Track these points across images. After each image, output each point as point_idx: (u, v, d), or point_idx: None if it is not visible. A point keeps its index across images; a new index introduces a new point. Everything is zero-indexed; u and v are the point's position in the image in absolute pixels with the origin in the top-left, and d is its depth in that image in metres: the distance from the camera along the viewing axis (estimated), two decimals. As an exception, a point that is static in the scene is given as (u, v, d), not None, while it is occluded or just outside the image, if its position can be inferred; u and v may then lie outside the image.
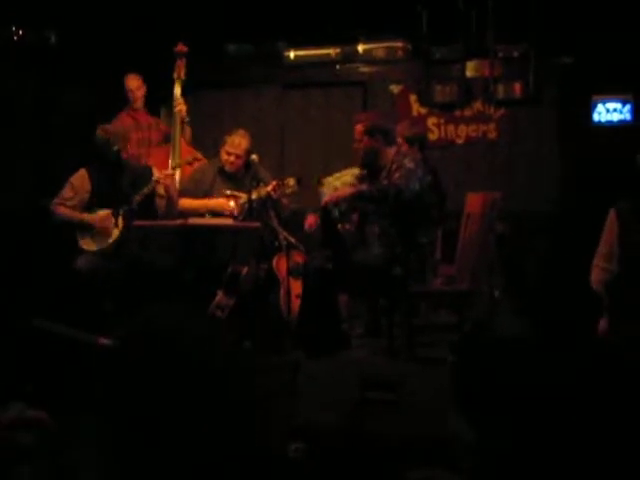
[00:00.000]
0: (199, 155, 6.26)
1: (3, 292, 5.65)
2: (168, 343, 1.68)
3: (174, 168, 6.07)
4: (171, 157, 6.33)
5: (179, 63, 6.34)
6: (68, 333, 3.15)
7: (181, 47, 6.36)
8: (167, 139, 6.58)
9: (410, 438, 3.15)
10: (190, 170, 6.19)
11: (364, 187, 5.50)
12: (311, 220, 5.82)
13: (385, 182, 5.38)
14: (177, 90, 6.36)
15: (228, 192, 5.96)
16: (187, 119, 6.43)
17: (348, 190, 5.57)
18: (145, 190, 5.71)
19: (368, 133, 5.53)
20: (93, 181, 5.81)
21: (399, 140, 5.98)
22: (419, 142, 6.34)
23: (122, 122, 6.60)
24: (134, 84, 6.72)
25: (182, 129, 6.39)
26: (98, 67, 7.13)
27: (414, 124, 6.96)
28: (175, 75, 6.34)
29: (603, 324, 4.40)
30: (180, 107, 6.35)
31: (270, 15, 7.24)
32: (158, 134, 6.78)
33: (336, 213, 5.61)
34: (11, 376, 3.24)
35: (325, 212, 5.61)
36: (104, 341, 3.08)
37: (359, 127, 5.58)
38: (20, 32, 6.94)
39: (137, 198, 5.68)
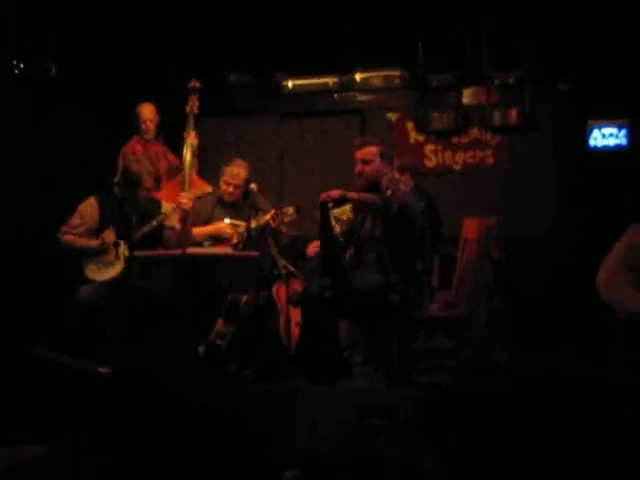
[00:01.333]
0: (209, 187, 6.29)
1: (5, 318, 5.69)
2: (158, 378, 1.73)
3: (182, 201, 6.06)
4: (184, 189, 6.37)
5: (192, 98, 6.41)
6: (68, 361, 3.18)
7: (195, 83, 6.43)
8: (174, 170, 6.63)
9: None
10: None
11: (369, 195, 5.50)
12: (313, 248, 5.87)
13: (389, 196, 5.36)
14: (190, 124, 6.42)
15: (227, 221, 6.03)
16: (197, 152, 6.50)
17: (354, 193, 5.55)
18: (154, 223, 5.76)
19: (382, 156, 5.52)
20: (102, 210, 5.87)
21: None
22: (409, 170, 6.43)
23: (132, 148, 6.72)
24: (148, 114, 6.84)
25: (193, 162, 6.43)
26: (97, 97, 7.20)
27: (404, 153, 7.05)
28: (188, 109, 6.38)
29: None
30: (193, 140, 6.40)
31: (269, 45, 7.33)
32: (165, 163, 6.88)
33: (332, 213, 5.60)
34: (10, 403, 3.27)
35: (324, 207, 5.58)
36: (103, 370, 3.12)
37: (373, 149, 5.50)
38: (21, 65, 7.01)
39: (145, 230, 5.73)
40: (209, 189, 6.18)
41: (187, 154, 6.34)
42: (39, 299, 6.26)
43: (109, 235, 5.78)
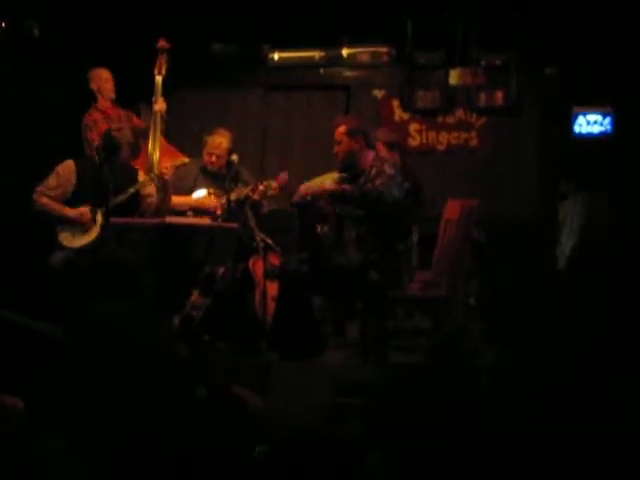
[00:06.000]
0: (184, 158, 6.16)
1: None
2: (102, 334, 1.71)
3: (163, 170, 5.94)
4: (151, 154, 6.27)
5: (160, 59, 6.27)
6: (32, 325, 3.15)
7: (163, 43, 6.29)
8: (139, 133, 6.46)
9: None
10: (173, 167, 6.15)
11: (346, 187, 5.51)
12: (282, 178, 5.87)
13: (368, 186, 5.39)
14: (158, 87, 6.29)
15: (211, 190, 5.98)
16: (165, 117, 6.37)
17: (330, 186, 5.58)
18: (131, 190, 5.68)
19: (349, 134, 5.55)
20: (79, 174, 5.76)
21: (378, 145, 6.00)
22: (398, 147, 6.35)
23: (92, 117, 6.49)
24: (105, 75, 6.58)
25: (162, 127, 6.33)
26: (82, 59, 7.07)
27: (393, 130, 6.98)
28: (156, 71, 6.26)
29: None
30: (160, 105, 6.29)
31: (256, 16, 7.24)
32: (129, 126, 6.68)
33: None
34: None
35: (304, 203, 5.60)
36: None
37: (341, 128, 5.59)
38: (3, 24, 6.90)
39: (121, 197, 5.64)
40: (186, 160, 6.07)
41: (157, 120, 6.23)
42: (13, 264, 6.19)
43: (85, 213, 5.66)
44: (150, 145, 6.26)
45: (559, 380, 3.02)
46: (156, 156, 6.19)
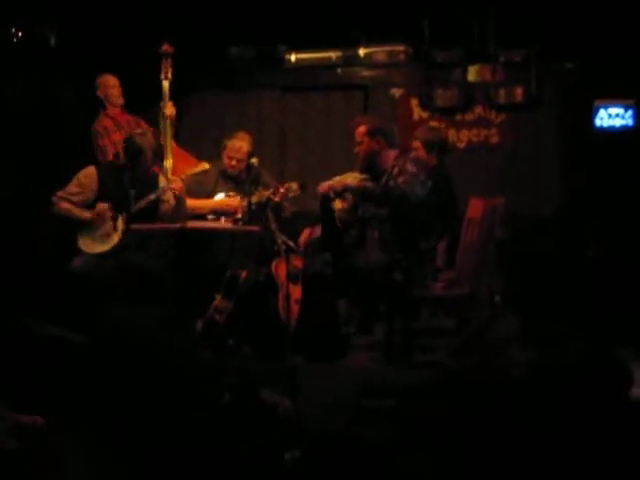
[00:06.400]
0: (204, 164, 6.09)
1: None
2: (126, 340, 1.69)
3: (182, 179, 5.89)
4: (164, 160, 6.23)
5: (165, 64, 6.24)
6: (57, 333, 3.13)
7: (167, 47, 6.26)
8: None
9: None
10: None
11: (368, 184, 5.47)
12: (306, 235, 5.83)
13: (391, 184, 5.34)
14: (165, 92, 6.26)
15: (231, 194, 5.97)
16: (175, 122, 6.33)
17: (353, 182, 5.54)
18: (152, 197, 5.66)
19: (369, 134, 5.51)
20: (100, 181, 5.75)
21: (416, 144, 5.90)
22: (438, 147, 6.07)
23: (102, 124, 6.47)
24: (112, 82, 6.50)
25: (172, 132, 6.29)
26: (96, 65, 7.07)
27: (432, 128, 6.81)
28: (162, 76, 6.22)
29: None
30: (170, 110, 6.25)
31: (272, 18, 7.22)
32: (151, 131, 6.65)
33: (334, 205, 5.58)
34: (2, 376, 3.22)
35: (325, 199, 5.57)
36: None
37: (361, 129, 5.56)
38: (20, 33, 6.90)
39: (142, 204, 5.62)
40: (207, 166, 6.02)
41: (166, 125, 6.19)
42: (33, 270, 6.19)
43: (103, 209, 5.65)
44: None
45: (590, 377, 2.95)
46: (169, 162, 6.17)
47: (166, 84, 6.25)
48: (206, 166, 5.97)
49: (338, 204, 5.65)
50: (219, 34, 7.49)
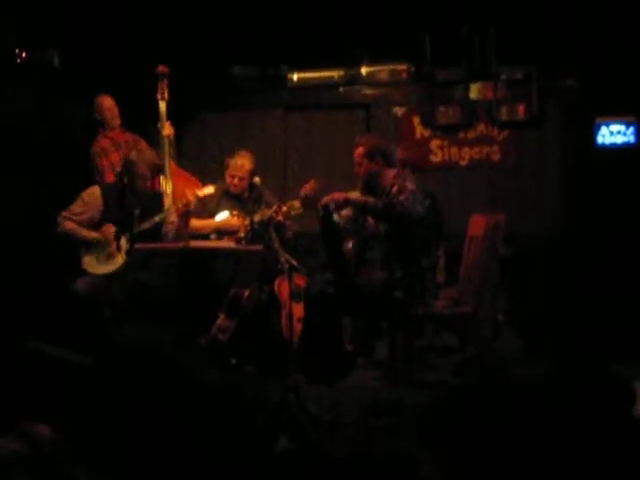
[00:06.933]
0: (209, 187, 6.08)
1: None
2: (135, 360, 1.69)
3: (186, 204, 5.87)
4: (162, 180, 6.25)
5: (161, 84, 6.28)
6: (64, 355, 3.13)
7: (162, 68, 6.30)
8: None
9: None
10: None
11: (370, 199, 5.47)
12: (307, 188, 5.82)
13: (392, 201, 5.34)
14: (162, 112, 6.28)
15: (234, 212, 5.97)
16: (174, 141, 6.36)
17: (355, 195, 5.53)
18: (157, 219, 5.66)
19: (368, 156, 5.51)
20: (105, 201, 5.76)
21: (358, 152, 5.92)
22: (411, 166, 6.27)
23: (100, 145, 6.49)
24: (107, 103, 6.57)
25: (171, 152, 6.31)
26: (101, 87, 7.11)
27: (408, 147, 6.93)
28: (158, 96, 6.26)
29: None
30: (167, 130, 6.27)
31: (274, 37, 7.25)
32: (149, 150, 6.66)
33: (335, 218, 5.56)
34: (7, 399, 3.21)
35: (326, 212, 5.55)
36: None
37: (359, 150, 5.56)
38: (24, 54, 6.93)
39: (146, 225, 5.63)
40: (212, 189, 6.02)
41: (165, 145, 6.22)
42: (36, 291, 6.18)
43: (108, 229, 5.67)
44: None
45: (593, 395, 2.95)
46: (170, 182, 6.18)
47: (163, 104, 6.28)
48: (211, 190, 5.97)
49: (338, 217, 5.64)
50: (222, 54, 7.52)
